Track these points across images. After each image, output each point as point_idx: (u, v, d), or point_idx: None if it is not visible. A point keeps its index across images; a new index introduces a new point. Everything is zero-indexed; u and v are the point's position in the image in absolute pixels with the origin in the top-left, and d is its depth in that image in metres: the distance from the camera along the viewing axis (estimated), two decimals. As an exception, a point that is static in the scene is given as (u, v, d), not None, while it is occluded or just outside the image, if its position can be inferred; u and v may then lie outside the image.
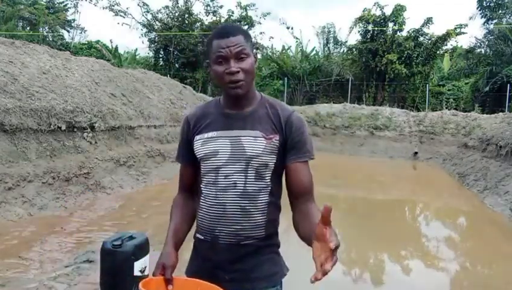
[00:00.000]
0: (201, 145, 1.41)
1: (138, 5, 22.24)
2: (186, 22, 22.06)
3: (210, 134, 1.41)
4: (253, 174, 1.35)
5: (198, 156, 1.42)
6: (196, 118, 1.47)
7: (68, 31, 29.28)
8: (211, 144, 1.39)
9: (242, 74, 1.32)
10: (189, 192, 1.53)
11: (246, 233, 1.36)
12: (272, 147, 1.36)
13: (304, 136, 1.39)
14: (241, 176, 1.35)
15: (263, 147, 1.35)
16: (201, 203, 1.42)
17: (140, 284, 1.15)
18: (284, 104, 1.46)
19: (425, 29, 20.24)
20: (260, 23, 22.40)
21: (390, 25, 20.47)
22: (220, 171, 1.38)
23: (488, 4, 20.16)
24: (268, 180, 1.38)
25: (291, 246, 1.93)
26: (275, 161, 1.37)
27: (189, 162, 1.48)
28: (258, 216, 1.37)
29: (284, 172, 1.42)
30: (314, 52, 24.68)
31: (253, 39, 1.46)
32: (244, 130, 1.37)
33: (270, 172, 1.37)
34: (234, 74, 1.31)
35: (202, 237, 1.43)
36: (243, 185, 1.35)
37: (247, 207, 1.35)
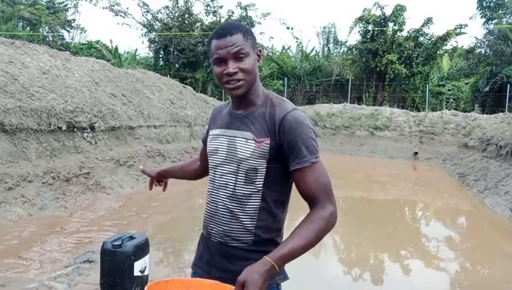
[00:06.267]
0: (209, 141, 1.46)
1: (138, 5, 22.29)
2: (186, 22, 22.07)
3: (215, 131, 1.44)
4: (243, 178, 1.32)
5: (207, 152, 1.48)
6: (215, 112, 1.54)
7: (68, 31, 29.30)
8: (214, 142, 1.42)
9: (241, 73, 1.27)
10: (200, 163, 1.72)
11: (234, 235, 1.35)
12: (261, 151, 1.29)
13: (301, 138, 1.27)
14: (232, 177, 1.34)
15: (252, 150, 1.30)
16: (206, 198, 1.46)
17: (146, 288, 1.14)
18: (286, 104, 1.35)
19: (425, 29, 20.25)
20: (260, 23, 22.44)
21: (390, 25, 20.47)
22: (217, 170, 1.40)
23: (488, 4, 20.15)
24: (260, 185, 1.32)
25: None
26: (265, 165, 1.30)
27: (205, 145, 1.59)
28: (247, 221, 1.33)
29: (284, 176, 1.37)
30: (314, 52, 24.73)
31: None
32: (239, 130, 1.35)
33: (262, 177, 1.32)
34: (232, 74, 1.27)
35: (203, 231, 1.48)
36: (232, 187, 1.34)
37: (235, 210, 1.34)
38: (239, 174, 1.33)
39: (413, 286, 4.06)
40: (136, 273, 1.31)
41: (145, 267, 1.36)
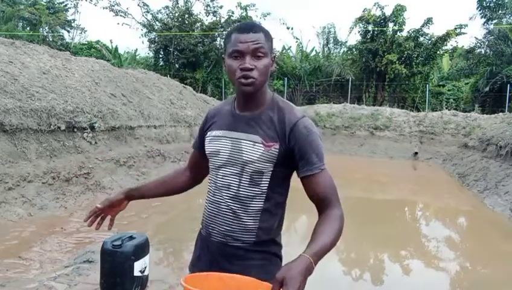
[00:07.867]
0: (208, 142, 1.44)
1: (138, 5, 22.30)
2: (186, 22, 22.06)
3: (216, 132, 1.42)
4: (248, 180, 1.33)
5: (206, 153, 1.45)
6: (212, 114, 1.51)
7: (68, 31, 29.26)
8: (215, 143, 1.41)
9: (256, 72, 1.27)
10: (190, 172, 1.63)
11: (235, 235, 1.36)
12: (270, 155, 1.30)
13: (311, 146, 1.30)
14: (235, 179, 1.35)
15: (260, 153, 1.30)
16: (206, 198, 1.46)
17: (182, 280, 1.10)
18: (294, 109, 1.36)
19: (425, 30, 20.27)
20: (260, 24, 22.43)
21: (390, 25, 20.48)
22: (219, 171, 1.39)
23: (488, 4, 20.15)
24: (265, 187, 1.34)
25: (292, 248, 1.92)
26: (272, 169, 1.32)
27: (199, 150, 1.53)
28: (249, 221, 1.34)
29: (286, 179, 1.39)
30: (314, 52, 24.74)
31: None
32: (245, 133, 1.34)
33: (267, 180, 1.33)
34: (248, 70, 1.26)
35: (202, 230, 1.48)
36: (236, 188, 1.35)
37: (238, 211, 1.35)
38: (243, 176, 1.33)
39: (413, 286, 4.06)
40: (136, 273, 1.31)
41: (145, 268, 1.36)
